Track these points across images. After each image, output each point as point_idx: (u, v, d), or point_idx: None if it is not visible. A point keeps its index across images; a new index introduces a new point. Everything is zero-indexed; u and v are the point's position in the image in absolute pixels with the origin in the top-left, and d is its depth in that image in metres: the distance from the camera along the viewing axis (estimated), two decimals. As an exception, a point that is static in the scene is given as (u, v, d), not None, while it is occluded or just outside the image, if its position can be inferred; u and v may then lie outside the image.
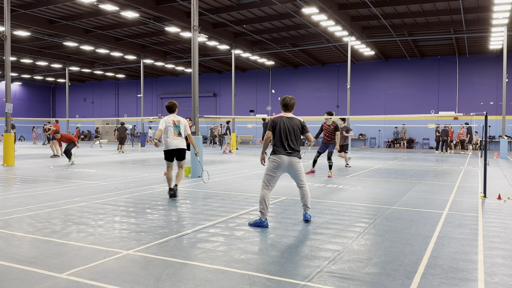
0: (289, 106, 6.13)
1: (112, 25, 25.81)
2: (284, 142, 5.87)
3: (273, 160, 5.87)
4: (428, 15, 22.42)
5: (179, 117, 8.41)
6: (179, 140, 8.24)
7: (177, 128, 8.28)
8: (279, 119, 6.01)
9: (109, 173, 12.66)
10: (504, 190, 9.21)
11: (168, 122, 8.23)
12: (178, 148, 8.25)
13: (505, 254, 4.57)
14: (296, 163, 5.93)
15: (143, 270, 4.00)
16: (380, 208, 7.16)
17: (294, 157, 5.89)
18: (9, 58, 16.04)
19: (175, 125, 8.27)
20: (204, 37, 25.28)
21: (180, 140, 8.25)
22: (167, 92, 43.36)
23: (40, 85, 49.99)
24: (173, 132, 8.19)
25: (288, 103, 6.12)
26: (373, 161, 17.84)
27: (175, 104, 8.48)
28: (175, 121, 8.29)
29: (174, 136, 8.18)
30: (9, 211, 6.76)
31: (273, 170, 5.87)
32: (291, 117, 6.06)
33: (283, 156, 5.84)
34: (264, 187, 5.86)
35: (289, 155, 5.86)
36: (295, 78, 36.90)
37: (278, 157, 5.85)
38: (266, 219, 5.77)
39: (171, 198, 7.98)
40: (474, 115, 11.66)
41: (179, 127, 8.30)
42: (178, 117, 8.39)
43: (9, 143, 15.34)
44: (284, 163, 5.86)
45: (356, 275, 3.88)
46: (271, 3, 20.97)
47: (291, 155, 5.87)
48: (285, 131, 5.90)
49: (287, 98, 6.16)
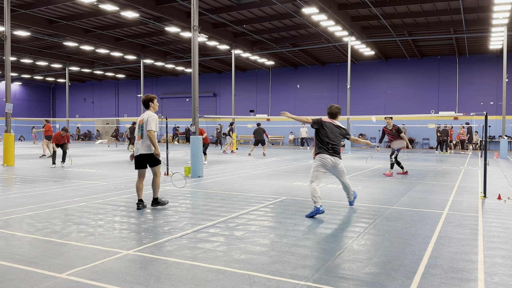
0: (333, 114, 6.91)
1: (112, 25, 25.80)
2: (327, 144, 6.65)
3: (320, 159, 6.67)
4: (428, 15, 22.42)
5: (147, 114, 6.90)
6: (143, 144, 6.86)
7: (140, 129, 6.91)
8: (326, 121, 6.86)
9: (109, 173, 12.66)
10: (504, 190, 9.20)
11: (137, 123, 7.06)
12: (140, 154, 6.92)
13: (505, 254, 4.57)
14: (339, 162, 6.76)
15: (143, 270, 4.00)
16: (380, 208, 7.16)
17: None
18: (9, 58, 16.04)
19: (139, 127, 6.96)
20: (204, 37, 25.28)
21: (143, 144, 6.85)
22: (167, 92, 43.36)
23: (40, 85, 49.98)
24: (137, 134, 6.97)
25: (333, 111, 6.91)
26: (373, 161, 17.83)
27: (148, 98, 7.03)
28: (140, 121, 6.95)
29: (137, 140, 6.95)
30: (9, 211, 6.76)
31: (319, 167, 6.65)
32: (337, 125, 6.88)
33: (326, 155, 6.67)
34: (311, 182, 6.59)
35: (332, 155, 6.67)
36: (295, 78, 36.89)
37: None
38: (321, 206, 6.39)
39: (138, 211, 6.84)
40: (474, 115, 11.66)
41: (142, 127, 6.88)
42: (146, 114, 6.92)
43: (9, 143, 15.34)
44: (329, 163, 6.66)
45: (356, 275, 3.88)
46: (271, 3, 20.96)
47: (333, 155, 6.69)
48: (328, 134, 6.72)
49: (333, 107, 6.97)
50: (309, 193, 6.83)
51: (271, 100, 37.85)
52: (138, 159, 6.97)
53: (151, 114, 6.90)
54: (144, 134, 6.80)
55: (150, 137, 6.74)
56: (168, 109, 42.37)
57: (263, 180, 10.74)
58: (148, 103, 7.00)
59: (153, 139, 6.76)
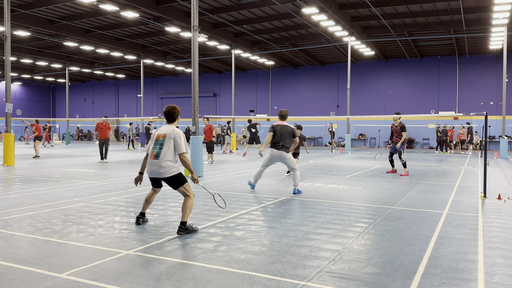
0: (284, 116, 9.02)
1: (112, 25, 25.81)
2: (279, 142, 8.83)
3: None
4: (428, 15, 22.42)
5: (171, 129, 5.60)
6: (159, 166, 5.46)
7: (158, 146, 5.54)
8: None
9: (109, 173, 12.66)
10: (504, 190, 9.21)
11: (154, 137, 5.71)
12: (156, 178, 5.65)
13: (505, 254, 4.57)
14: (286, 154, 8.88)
15: (143, 270, 4.00)
16: (380, 208, 7.16)
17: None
18: (9, 58, 16.04)
19: (156, 141, 5.60)
20: (204, 37, 25.28)
21: (160, 165, 5.45)
22: (167, 92, 43.37)
23: (40, 85, 49.99)
24: (152, 151, 5.58)
25: (283, 114, 9.04)
26: (373, 161, 17.84)
27: (176, 110, 5.75)
28: (159, 136, 5.60)
29: (151, 158, 5.56)
30: (9, 211, 6.76)
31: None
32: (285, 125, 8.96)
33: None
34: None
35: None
36: (295, 78, 36.90)
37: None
38: (254, 184, 9.25)
39: (136, 224, 5.87)
40: (474, 115, 11.66)
41: (162, 143, 5.53)
42: (169, 128, 5.62)
43: (9, 143, 15.34)
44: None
45: (356, 275, 3.88)
46: (271, 3, 20.97)
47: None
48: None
49: (283, 110, 9.09)
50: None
51: (271, 100, 37.86)
52: (153, 180, 5.74)
53: (176, 130, 5.58)
54: (163, 154, 5.45)
55: (184, 161, 5.48)
56: (168, 109, 42.33)
57: (263, 180, 10.74)
58: (175, 117, 5.72)
59: (188, 163, 5.49)
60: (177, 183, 5.52)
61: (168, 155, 5.46)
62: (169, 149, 5.48)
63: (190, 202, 5.50)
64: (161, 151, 5.48)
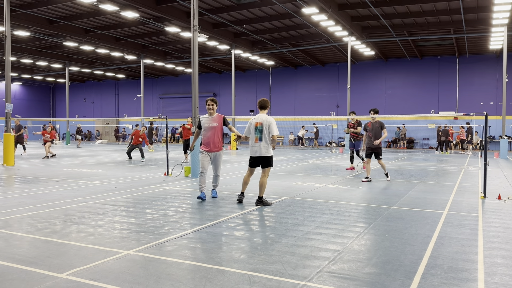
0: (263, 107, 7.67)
1: (112, 25, 25.81)
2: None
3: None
4: (428, 15, 22.42)
5: (265, 117, 7.23)
6: (262, 147, 7.19)
7: (259, 132, 7.21)
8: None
9: (109, 173, 12.66)
10: (504, 190, 9.21)
11: (251, 125, 7.34)
12: (256, 156, 7.29)
13: (505, 254, 4.57)
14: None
15: (143, 270, 4.00)
16: (380, 208, 7.16)
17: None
18: (9, 58, 16.04)
19: (256, 128, 7.25)
20: (204, 37, 25.28)
21: (263, 147, 7.18)
22: (167, 92, 43.36)
23: (40, 85, 49.98)
24: (254, 137, 7.26)
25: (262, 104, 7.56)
26: (373, 161, 17.81)
27: (268, 103, 7.42)
28: (257, 124, 7.24)
29: (255, 142, 7.25)
30: (9, 211, 6.76)
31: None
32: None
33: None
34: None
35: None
36: (295, 78, 36.90)
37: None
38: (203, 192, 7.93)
39: (237, 202, 7.43)
40: (474, 115, 11.68)
41: (261, 130, 7.18)
42: (263, 116, 7.25)
43: (9, 143, 15.34)
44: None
45: (356, 275, 3.88)
46: (271, 3, 20.96)
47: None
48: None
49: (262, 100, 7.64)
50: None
51: (271, 100, 37.83)
52: (254, 160, 7.31)
53: (270, 118, 7.21)
54: (264, 138, 7.14)
55: (275, 140, 7.21)
56: (168, 109, 42.38)
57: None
58: (267, 105, 7.36)
59: (274, 143, 7.27)
60: (269, 163, 7.26)
61: (267, 138, 7.14)
62: (266, 133, 7.13)
63: (265, 181, 7.23)
64: (262, 135, 7.13)
